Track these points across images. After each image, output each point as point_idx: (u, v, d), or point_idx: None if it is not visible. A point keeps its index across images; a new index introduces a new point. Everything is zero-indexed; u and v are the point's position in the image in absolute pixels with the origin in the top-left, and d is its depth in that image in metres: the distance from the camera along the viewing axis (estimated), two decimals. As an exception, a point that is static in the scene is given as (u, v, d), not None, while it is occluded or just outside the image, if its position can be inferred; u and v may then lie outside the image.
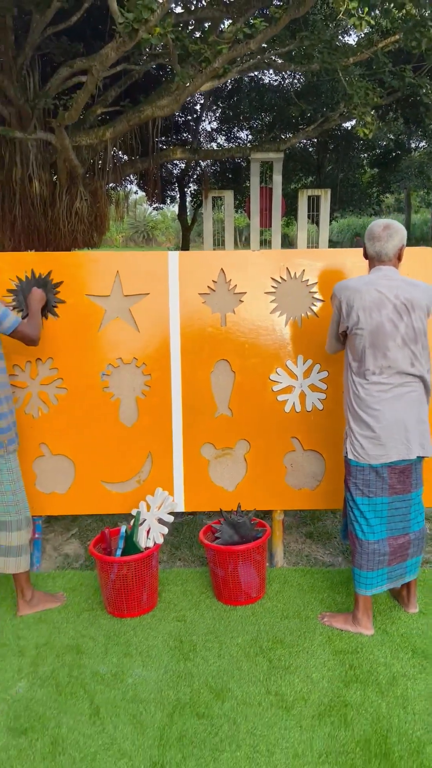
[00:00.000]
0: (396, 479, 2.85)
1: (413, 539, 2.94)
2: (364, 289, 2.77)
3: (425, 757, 2.21)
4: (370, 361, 2.77)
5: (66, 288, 3.42)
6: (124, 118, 14.66)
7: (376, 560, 2.87)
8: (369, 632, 2.91)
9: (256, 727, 2.37)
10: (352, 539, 2.94)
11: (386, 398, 2.78)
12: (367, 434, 2.80)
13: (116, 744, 2.30)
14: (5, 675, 2.67)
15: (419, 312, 2.78)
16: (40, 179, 15.83)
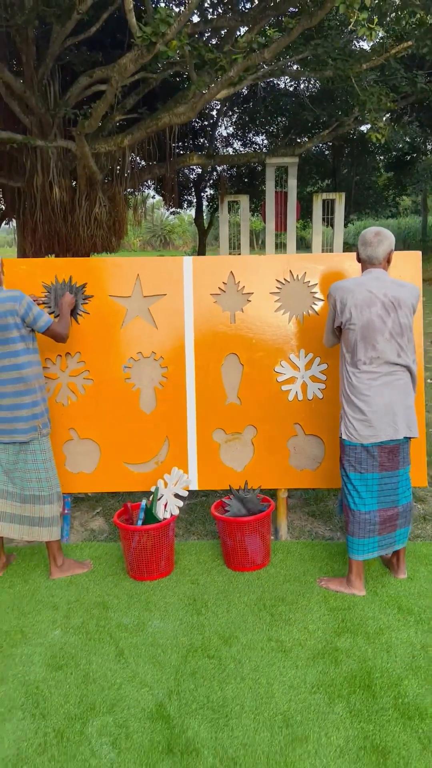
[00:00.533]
0: (385, 457, 3.21)
1: (401, 511, 3.30)
2: (356, 289, 3.15)
3: (402, 688, 2.59)
4: (362, 352, 3.14)
5: (92, 290, 3.83)
6: (142, 126, 15.06)
7: (367, 529, 3.24)
8: (361, 593, 3.28)
9: (258, 666, 2.75)
10: (345, 510, 3.31)
11: (376, 385, 3.15)
12: (359, 417, 3.17)
13: (138, 677, 2.70)
14: (42, 625, 3.08)
15: (405, 309, 3.15)
16: (61, 186, 16.30)
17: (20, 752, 2.32)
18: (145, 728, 2.42)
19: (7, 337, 3.26)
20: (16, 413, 3.31)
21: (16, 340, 3.28)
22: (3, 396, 3.30)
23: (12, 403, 3.31)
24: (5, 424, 3.31)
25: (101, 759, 2.28)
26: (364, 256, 3.25)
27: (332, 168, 25.62)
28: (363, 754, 2.28)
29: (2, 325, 3.25)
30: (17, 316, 3.27)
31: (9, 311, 3.24)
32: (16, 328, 3.28)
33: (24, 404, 3.32)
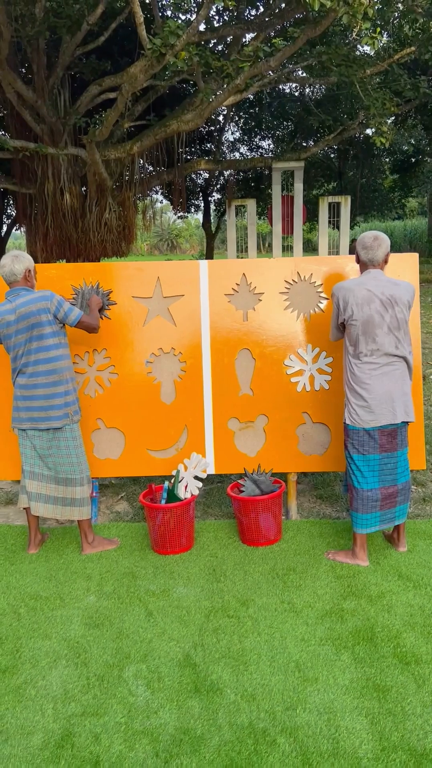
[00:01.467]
0: (385, 440, 3.55)
1: (400, 489, 3.64)
2: (356, 288, 3.49)
3: (400, 640, 2.92)
4: (363, 345, 3.48)
5: (116, 292, 4.19)
6: (151, 133, 15.39)
7: (369, 505, 3.57)
8: (365, 563, 3.62)
9: (273, 623, 3.10)
10: (350, 488, 3.65)
11: (376, 375, 3.49)
12: (361, 404, 3.51)
13: (167, 633, 3.04)
14: (78, 592, 3.44)
15: (401, 306, 3.49)
16: (71, 192, 16.68)
17: (67, 692, 2.67)
18: (175, 673, 2.77)
19: (41, 334, 3.62)
20: (50, 402, 3.67)
21: (49, 336, 3.64)
22: (38, 387, 3.66)
23: (46, 393, 3.67)
24: (41, 412, 3.67)
25: (138, 697, 2.63)
26: (365, 258, 3.58)
27: (338, 171, 25.88)
28: (366, 691, 2.62)
29: (37, 323, 3.60)
30: (49, 313, 3.62)
31: (42, 309, 3.60)
32: (48, 324, 3.63)
33: (57, 394, 3.67)
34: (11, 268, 3.63)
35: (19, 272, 3.64)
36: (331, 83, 15.81)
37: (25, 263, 3.67)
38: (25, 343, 3.62)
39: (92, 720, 2.51)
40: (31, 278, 3.73)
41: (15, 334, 3.61)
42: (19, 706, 2.61)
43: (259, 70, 12.94)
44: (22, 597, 3.41)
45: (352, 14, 9.63)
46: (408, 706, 2.53)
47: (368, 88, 14.40)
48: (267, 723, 2.47)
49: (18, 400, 3.72)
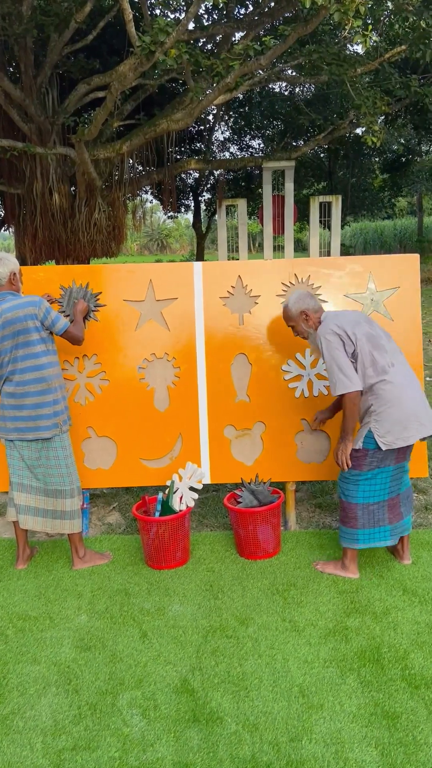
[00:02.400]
0: (403, 451, 3.37)
1: (403, 498, 3.49)
2: (342, 314, 3.38)
3: (408, 661, 2.78)
4: (380, 359, 3.26)
5: (107, 295, 4.03)
6: (141, 132, 15.24)
7: (374, 519, 3.40)
8: (356, 576, 3.47)
9: (274, 644, 2.95)
10: (345, 505, 3.40)
11: (404, 388, 3.28)
12: (398, 420, 3.24)
13: (162, 656, 2.89)
14: (68, 611, 3.27)
15: (372, 321, 3.44)
16: (60, 192, 16.48)
17: (57, 723, 2.51)
18: (172, 700, 2.61)
19: (28, 340, 3.45)
20: (39, 411, 3.50)
21: (37, 342, 3.48)
22: (26, 395, 3.49)
23: (35, 402, 3.50)
24: (29, 422, 3.51)
25: (133, 728, 2.47)
26: (317, 304, 3.51)
27: (328, 170, 25.84)
28: (374, 719, 2.47)
29: (23, 329, 3.44)
30: (36, 319, 3.46)
31: (29, 315, 3.44)
32: (36, 331, 3.47)
33: (46, 403, 3.51)
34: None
35: (3, 276, 3.48)
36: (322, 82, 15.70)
37: (10, 266, 3.51)
38: (11, 350, 3.45)
39: (84, 755, 2.35)
40: (16, 281, 3.56)
41: (0, 341, 3.44)
42: (6, 739, 2.44)
43: (250, 69, 12.82)
44: (10, 617, 3.24)
45: (344, 11, 9.50)
46: (420, 734, 2.39)
47: (359, 87, 14.31)
48: (271, 756, 2.32)
49: (5, 409, 3.55)
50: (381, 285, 4.01)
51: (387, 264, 4.03)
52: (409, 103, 17.85)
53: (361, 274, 4.02)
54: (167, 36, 10.22)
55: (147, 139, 15.67)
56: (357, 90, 14.46)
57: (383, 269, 4.02)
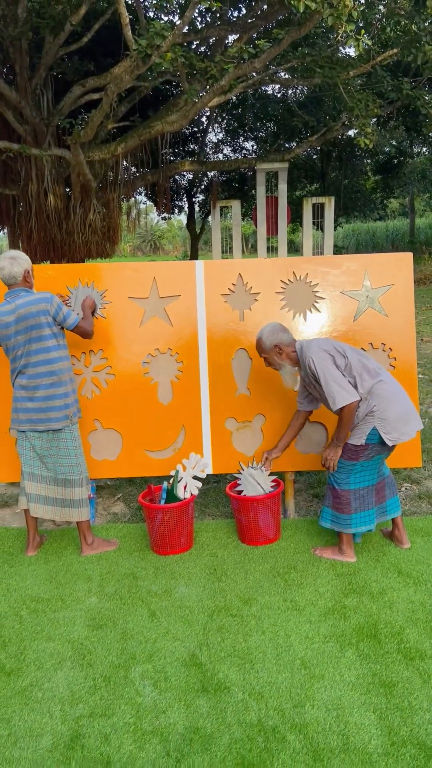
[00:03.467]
0: None
1: (387, 482, 3.68)
2: (320, 340, 3.56)
3: (404, 636, 2.95)
4: (369, 364, 3.47)
5: (112, 292, 4.18)
6: (135, 134, 15.35)
7: (367, 502, 3.58)
8: (353, 559, 3.64)
9: (276, 621, 3.11)
10: (339, 493, 3.56)
11: (395, 386, 3.49)
12: (400, 416, 3.43)
13: (171, 633, 3.04)
14: (79, 593, 3.43)
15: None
16: (55, 193, 16.59)
17: (73, 693, 2.66)
18: (181, 673, 2.77)
19: (40, 335, 3.60)
20: (50, 404, 3.65)
21: (49, 337, 3.63)
22: (38, 388, 3.64)
23: (46, 394, 3.65)
24: (41, 414, 3.66)
25: (145, 697, 2.63)
26: (290, 338, 3.65)
27: (321, 172, 26.01)
28: (372, 687, 2.64)
29: (36, 324, 3.59)
30: (49, 315, 3.61)
31: (42, 311, 3.59)
32: (48, 326, 3.62)
33: (57, 395, 3.66)
34: (10, 271, 3.61)
35: (18, 274, 3.63)
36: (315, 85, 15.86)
37: (24, 265, 3.66)
38: (24, 344, 3.60)
39: (101, 721, 2.51)
40: (29, 279, 3.71)
41: (14, 335, 3.59)
42: (26, 708, 2.59)
43: (244, 71, 12.96)
44: (24, 599, 3.39)
45: (337, 16, 9.67)
46: (415, 701, 2.55)
47: (351, 89, 14.47)
48: (276, 720, 2.47)
49: (18, 401, 3.70)
50: (376, 282, 4.17)
51: (382, 262, 4.20)
52: (401, 106, 18.04)
53: (357, 272, 4.18)
54: (163, 39, 10.37)
55: (141, 141, 15.79)
56: (350, 92, 14.61)
57: (378, 267, 4.19)
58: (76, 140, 14.10)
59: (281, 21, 14.40)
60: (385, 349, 4.17)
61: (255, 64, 12.67)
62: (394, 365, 4.17)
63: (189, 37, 14.27)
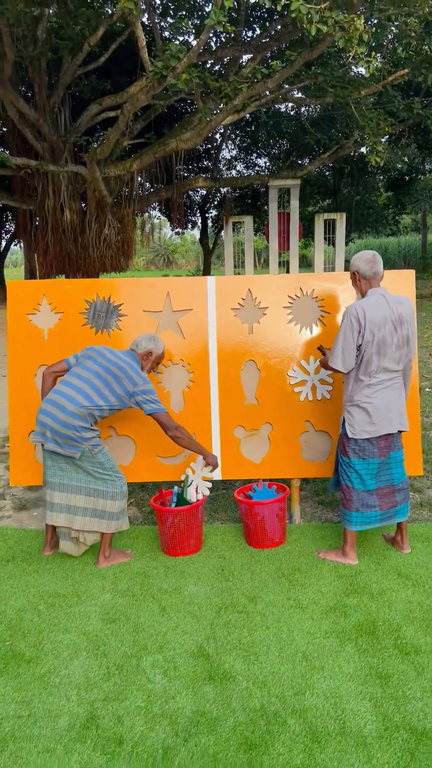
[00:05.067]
0: (383, 444, 3.75)
1: (398, 489, 3.84)
2: (372, 309, 3.61)
3: (401, 633, 3.11)
4: (374, 364, 3.66)
5: (129, 306, 4.40)
6: (150, 151, 15.63)
7: (367, 504, 3.76)
8: (354, 562, 3.82)
9: (280, 618, 3.28)
10: (345, 489, 3.81)
11: (379, 389, 3.68)
12: (366, 418, 3.68)
13: (180, 627, 3.23)
14: (94, 590, 3.62)
15: (407, 324, 3.71)
16: (71, 208, 16.93)
17: (89, 680, 2.85)
18: (189, 663, 2.95)
19: (107, 385, 3.84)
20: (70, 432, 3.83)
21: (110, 392, 3.85)
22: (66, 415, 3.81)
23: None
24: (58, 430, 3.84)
25: (156, 684, 2.81)
26: (370, 273, 3.71)
27: (333, 188, 26.24)
28: (369, 678, 2.80)
29: (115, 375, 3.82)
30: (129, 387, 3.85)
31: (128, 377, 3.85)
32: (119, 386, 3.83)
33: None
34: (140, 341, 4.02)
35: (141, 348, 3.99)
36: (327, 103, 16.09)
37: (151, 347, 4.00)
38: (97, 377, 3.81)
39: (114, 704, 2.69)
40: (147, 362, 4.00)
41: (99, 366, 3.85)
42: (45, 692, 2.78)
43: (257, 91, 13.21)
44: (41, 595, 3.59)
45: (348, 39, 9.89)
46: (409, 691, 2.72)
47: (363, 108, 14.68)
48: (278, 706, 2.65)
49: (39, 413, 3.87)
50: (379, 298, 4.36)
51: (385, 279, 4.38)
52: (412, 124, 18.23)
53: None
54: (178, 61, 10.65)
55: (156, 158, 16.08)
56: (361, 111, 14.79)
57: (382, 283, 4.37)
58: (92, 157, 14.40)
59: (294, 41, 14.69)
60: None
61: (268, 84, 12.92)
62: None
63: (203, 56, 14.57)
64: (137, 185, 18.49)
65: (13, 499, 5.01)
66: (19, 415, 4.41)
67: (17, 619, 3.35)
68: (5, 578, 3.79)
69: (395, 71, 14.00)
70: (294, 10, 9.01)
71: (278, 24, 14.45)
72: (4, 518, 4.70)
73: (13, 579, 3.78)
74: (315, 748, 2.42)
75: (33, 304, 4.41)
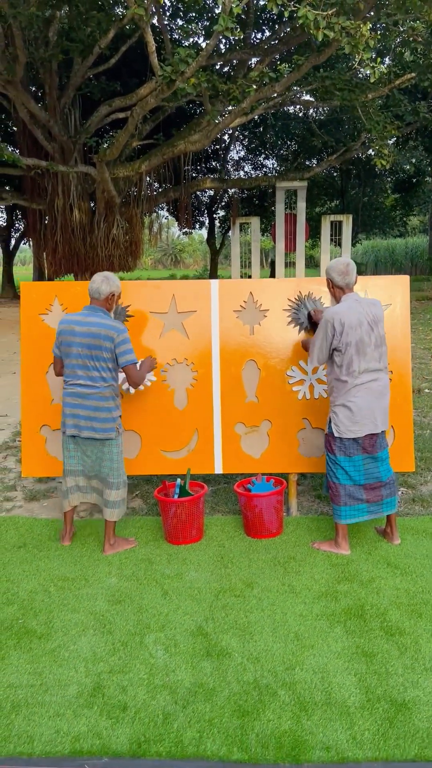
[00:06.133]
0: (367, 443, 3.96)
1: (385, 484, 4.05)
2: (347, 312, 3.88)
3: (387, 616, 3.33)
4: (356, 364, 3.89)
5: (135, 307, 4.63)
6: (159, 152, 15.82)
7: (354, 497, 3.98)
8: (346, 552, 4.04)
9: (275, 602, 3.51)
10: (332, 485, 4.03)
11: (363, 389, 3.90)
12: (348, 416, 3.91)
13: (181, 609, 3.46)
14: (100, 574, 3.85)
15: (380, 323, 3.96)
16: (80, 208, 17.16)
17: (95, 654, 3.08)
18: (189, 641, 3.18)
19: (99, 356, 4.01)
20: (97, 414, 4.05)
21: (107, 360, 4.03)
22: (87, 398, 4.05)
23: (95, 405, 4.05)
24: (87, 422, 4.05)
25: (158, 659, 3.04)
26: (342, 283, 3.99)
27: (340, 190, 26.34)
28: (355, 656, 3.02)
29: (98, 345, 3.97)
30: (112, 343, 3.99)
31: (107, 337, 3.97)
32: (107, 351, 3.99)
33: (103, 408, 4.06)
34: (99, 286, 4.05)
35: (104, 292, 4.06)
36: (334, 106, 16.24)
37: (112, 287, 4.08)
38: (83, 358, 3.99)
39: (119, 676, 2.92)
40: (112, 303, 4.14)
41: (78, 345, 3.99)
42: (55, 665, 3.01)
43: (265, 94, 13.38)
44: (52, 578, 3.82)
45: (354, 44, 10.07)
46: (391, 668, 2.94)
47: (370, 111, 14.82)
48: (269, 680, 2.87)
49: (66, 406, 4.10)
50: (375, 302, 4.58)
51: (380, 284, 4.61)
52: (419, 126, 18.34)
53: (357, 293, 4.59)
54: (187, 66, 10.85)
55: (165, 159, 16.27)
56: (368, 114, 14.93)
57: (377, 288, 4.60)
58: (101, 158, 14.61)
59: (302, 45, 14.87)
60: (383, 363, 4.56)
61: (276, 88, 13.08)
62: (391, 378, 4.56)
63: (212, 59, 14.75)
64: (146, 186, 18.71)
65: (24, 491, 5.24)
66: (31, 410, 4.65)
67: (29, 599, 3.59)
68: (18, 563, 4.03)
69: (402, 75, 14.17)
70: (302, 17, 9.21)
71: (287, 26, 14.63)
72: (16, 508, 4.94)
73: (25, 564, 4.02)
74: (302, 716, 2.64)
75: (45, 304, 4.64)
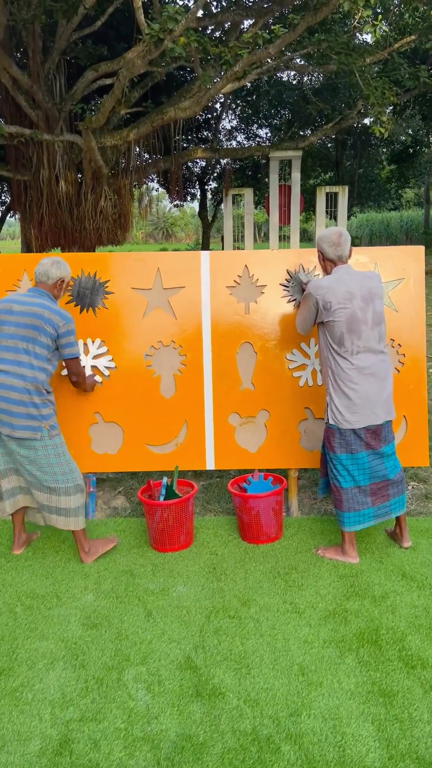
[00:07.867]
0: (370, 437, 3.47)
1: (392, 482, 3.57)
2: (335, 285, 3.38)
3: (406, 643, 2.86)
4: (349, 343, 3.38)
5: (115, 283, 4.10)
6: (148, 120, 15.19)
7: (359, 502, 3.50)
8: (355, 560, 3.56)
9: (275, 624, 3.03)
10: (334, 489, 3.55)
11: (364, 374, 3.40)
12: (346, 404, 3.41)
13: (167, 634, 2.98)
14: (75, 590, 3.37)
15: (378, 299, 3.45)
16: (66, 179, 16.49)
17: (64, 695, 2.60)
18: (175, 676, 2.70)
19: (36, 339, 3.47)
20: (19, 409, 3.50)
21: (43, 346, 3.50)
22: (12, 390, 3.49)
23: (20, 398, 3.51)
24: (10, 418, 3.53)
25: (138, 701, 2.56)
26: (334, 255, 3.49)
27: (335, 160, 25.72)
28: (371, 696, 2.56)
29: (36, 327, 3.45)
30: (56, 331, 3.49)
31: (53, 323, 3.47)
32: (47, 337, 3.47)
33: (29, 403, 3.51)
34: (47, 270, 3.57)
35: (51, 276, 3.58)
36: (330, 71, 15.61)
37: (62, 273, 3.62)
38: (19, 339, 3.48)
39: (91, 726, 2.45)
40: (59, 290, 3.64)
41: (14, 325, 3.48)
42: (16, 710, 2.54)
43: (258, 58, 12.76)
44: (18, 595, 3.34)
45: (354, 1, 9.49)
46: (415, 712, 2.47)
47: (367, 77, 14.24)
48: (271, 729, 2.40)
49: None
50: (386, 276, 4.06)
51: (393, 255, 4.09)
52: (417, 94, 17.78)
53: (366, 265, 4.07)
54: (176, 24, 10.20)
55: (154, 127, 15.64)
56: (365, 80, 14.37)
57: (389, 260, 4.08)
58: (87, 126, 13.99)
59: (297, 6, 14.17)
60: (394, 345, 4.06)
61: (270, 50, 12.47)
62: (402, 362, 4.07)
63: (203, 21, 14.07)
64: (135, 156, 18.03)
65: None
66: None
67: (-9, 623, 3.11)
68: (-19, 576, 3.55)
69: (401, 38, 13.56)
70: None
71: (281, -15, 13.91)
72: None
73: (-10, 577, 3.54)
74: (311, 780, 2.18)
75: (13, 279, 4.11)
